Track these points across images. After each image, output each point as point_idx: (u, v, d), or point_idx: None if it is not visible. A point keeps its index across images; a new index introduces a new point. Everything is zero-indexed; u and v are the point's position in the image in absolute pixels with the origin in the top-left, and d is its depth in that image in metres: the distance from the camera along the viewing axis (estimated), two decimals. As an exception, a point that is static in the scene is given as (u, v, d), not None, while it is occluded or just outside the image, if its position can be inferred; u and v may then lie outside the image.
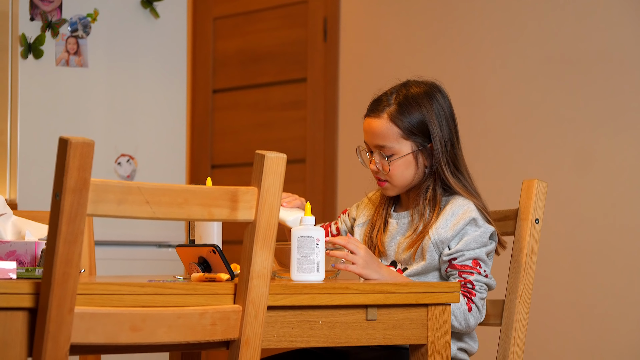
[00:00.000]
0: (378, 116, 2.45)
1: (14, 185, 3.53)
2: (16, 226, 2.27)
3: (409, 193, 2.51)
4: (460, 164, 2.47)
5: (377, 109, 2.46)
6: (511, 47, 3.90)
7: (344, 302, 2.06)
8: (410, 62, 4.16)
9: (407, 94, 2.46)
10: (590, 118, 3.69)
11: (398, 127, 2.43)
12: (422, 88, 2.48)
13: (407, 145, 2.44)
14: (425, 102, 2.45)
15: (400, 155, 2.44)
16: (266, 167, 1.89)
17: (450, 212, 2.42)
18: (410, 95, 2.46)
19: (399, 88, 2.49)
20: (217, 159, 4.90)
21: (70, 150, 1.70)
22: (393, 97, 2.46)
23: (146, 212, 1.80)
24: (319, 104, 4.51)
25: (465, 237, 2.39)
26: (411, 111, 2.44)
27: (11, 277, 1.89)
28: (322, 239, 2.18)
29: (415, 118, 2.44)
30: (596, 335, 3.62)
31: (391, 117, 2.44)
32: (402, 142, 2.44)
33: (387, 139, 2.44)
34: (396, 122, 2.43)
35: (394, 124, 2.43)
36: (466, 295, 2.36)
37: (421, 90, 2.47)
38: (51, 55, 3.61)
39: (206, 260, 2.08)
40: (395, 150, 2.44)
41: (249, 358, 1.90)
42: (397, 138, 2.44)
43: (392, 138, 2.44)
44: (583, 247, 3.68)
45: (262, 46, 4.75)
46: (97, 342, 1.77)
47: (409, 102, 2.45)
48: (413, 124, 2.44)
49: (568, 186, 3.70)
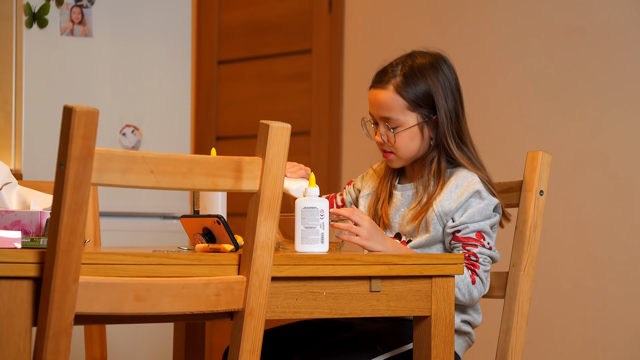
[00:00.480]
0: (384, 87, 2.44)
1: (19, 155, 3.53)
2: (21, 196, 2.27)
3: (414, 165, 2.51)
4: (465, 136, 2.47)
5: (383, 80, 2.45)
6: (517, 20, 3.88)
7: (348, 273, 2.06)
8: (415, 33, 4.14)
9: (413, 65, 2.45)
10: (598, 90, 3.67)
11: (404, 99, 2.42)
12: (428, 59, 2.47)
13: (412, 117, 2.44)
14: (430, 73, 2.44)
15: (405, 127, 2.43)
16: (270, 137, 1.88)
17: (455, 184, 2.42)
18: (415, 66, 2.45)
19: (404, 59, 2.48)
20: (221, 131, 4.89)
21: (74, 118, 1.70)
22: (399, 68, 2.45)
23: (150, 181, 1.80)
24: (324, 76, 4.50)
25: (469, 210, 2.39)
26: (417, 82, 2.43)
27: (16, 246, 1.90)
28: (326, 210, 2.18)
29: (421, 89, 2.43)
30: (600, 306, 3.63)
31: (397, 88, 2.43)
32: (407, 114, 2.43)
33: (393, 111, 2.43)
34: (402, 93, 2.42)
35: (399, 95, 2.43)
36: (470, 268, 2.36)
37: (427, 61, 2.46)
38: (55, 24, 3.60)
39: (210, 231, 2.08)
40: (400, 122, 2.43)
41: (253, 329, 1.90)
42: (403, 110, 2.43)
43: (398, 110, 2.43)
44: (587, 218, 3.67)
45: (267, 17, 4.74)
46: (101, 312, 1.78)
47: (415, 73, 2.44)
48: (419, 95, 2.43)
49: (572, 159, 3.69)
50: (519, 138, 3.84)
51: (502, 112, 3.90)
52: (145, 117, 3.79)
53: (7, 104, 3.56)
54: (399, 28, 4.22)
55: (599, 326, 3.63)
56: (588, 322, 3.65)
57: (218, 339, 4.72)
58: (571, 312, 3.69)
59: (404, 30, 4.20)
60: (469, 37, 4.00)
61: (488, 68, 3.95)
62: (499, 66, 3.92)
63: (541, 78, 3.80)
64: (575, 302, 3.68)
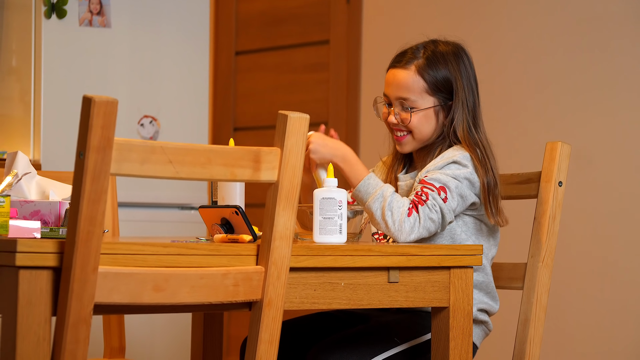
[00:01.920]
0: (405, 67, 2.44)
1: (38, 146, 3.54)
2: (40, 186, 2.28)
3: (420, 152, 2.50)
4: (479, 126, 2.45)
5: (404, 60, 2.45)
6: (537, 11, 3.86)
7: (366, 264, 2.06)
8: (433, 24, 4.13)
9: (436, 50, 2.45)
10: (615, 80, 3.66)
11: (425, 81, 2.42)
12: (450, 47, 2.47)
13: (430, 100, 2.43)
14: (452, 61, 2.44)
15: (421, 108, 2.43)
16: (289, 127, 1.88)
17: (440, 155, 2.42)
18: (438, 51, 2.45)
19: (426, 44, 2.48)
20: (239, 121, 4.90)
21: (94, 108, 1.70)
22: (421, 52, 2.45)
23: (169, 171, 1.80)
24: (341, 67, 4.50)
25: (443, 168, 2.37)
26: (439, 67, 2.43)
27: (35, 236, 1.90)
28: (344, 201, 2.18)
29: (442, 74, 2.43)
30: (618, 297, 3.61)
31: (419, 69, 2.42)
32: (425, 97, 2.43)
33: (412, 91, 2.42)
34: (424, 75, 2.42)
35: (421, 76, 2.42)
36: (414, 202, 2.30)
37: (449, 49, 2.47)
38: (74, 15, 3.60)
39: (229, 221, 2.08)
40: (418, 103, 2.43)
41: (271, 319, 1.91)
42: (422, 92, 2.43)
43: (417, 91, 2.42)
44: (604, 209, 3.66)
45: (284, 8, 4.73)
46: (120, 302, 1.78)
47: (437, 57, 2.44)
48: (439, 80, 2.42)
49: (590, 150, 3.68)
50: (536, 131, 3.83)
51: (521, 105, 3.88)
52: (163, 108, 3.80)
53: (26, 95, 3.57)
54: (417, 18, 4.21)
55: (619, 317, 3.62)
56: (608, 314, 3.64)
57: (236, 330, 4.73)
58: (590, 303, 3.68)
59: (422, 20, 4.19)
60: (486, 28, 3.99)
61: (505, 59, 3.93)
62: (517, 57, 3.91)
63: (560, 71, 3.79)
64: (594, 294, 3.67)
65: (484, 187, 2.38)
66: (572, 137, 3.65)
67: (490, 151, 2.43)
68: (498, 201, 2.40)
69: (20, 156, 2.27)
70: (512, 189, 2.55)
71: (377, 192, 2.30)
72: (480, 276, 2.44)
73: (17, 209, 2.11)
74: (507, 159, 3.80)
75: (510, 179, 2.56)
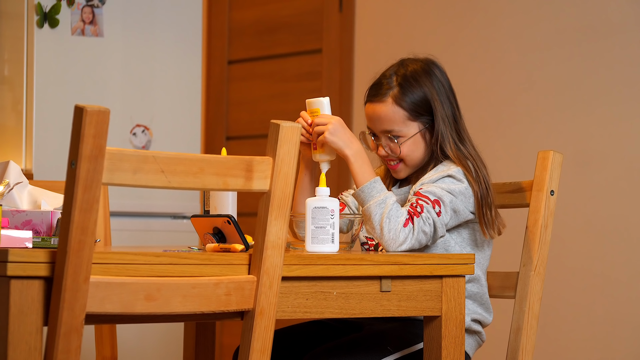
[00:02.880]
0: (382, 101, 2.44)
1: (30, 155, 3.53)
2: (32, 195, 2.27)
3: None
4: (464, 137, 2.45)
5: (380, 93, 2.45)
6: (529, 19, 3.87)
7: (358, 273, 2.06)
8: (426, 33, 4.14)
9: (406, 73, 2.44)
10: (608, 86, 3.67)
11: (404, 109, 2.42)
12: (419, 65, 2.46)
13: (414, 126, 2.44)
14: (424, 79, 2.44)
15: (408, 136, 2.43)
16: (281, 137, 1.88)
17: (435, 168, 2.43)
18: (409, 74, 2.44)
19: (396, 68, 2.47)
20: (232, 130, 4.90)
21: (86, 118, 1.70)
22: (393, 79, 2.45)
23: (161, 181, 1.80)
24: (334, 75, 4.50)
25: (438, 181, 2.38)
26: (413, 90, 2.43)
27: (27, 246, 1.90)
28: (336, 210, 2.18)
29: (418, 96, 2.43)
30: (611, 306, 3.62)
31: (396, 99, 2.43)
32: (409, 124, 2.43)
33: (395, 123, 2.43)
34: (401, 104, 2.42)
35: (399, 106, 2.42)
36: (410, 213, 2.31)
37: (419, 67, 2.46)
38: (67, 24, 3.60)
39: (221, 230, 2.08)
40: (403, 132, 2.43)
41: (263, 328, 1.91)
42: (404, 121, 2.43)
43: (399, 121, 2.43)
44: (596, 218, 3.67)
45: (277, 17, 4.74)
46: (112, 312, 1.78)
47: (409, 81, 2.43)
48: (417, 104, 2.42)
49: (582, 160, 3.69)
50: (529, 138, 3.83)
51: (515, 111, 3.89)
52: (156, 117, 3.80)
53: (18, 104, 3.57)
54: (410, 27, 4.22)
55: (612, 326, 3.62)
56: (601, 323, 3.64)
57: (228, 339, 4.73)
58: (583, 312, 3.68)
59: (415, 29, 4.19)
60: (479, 36, 4.00)
61: (498, 66, 3.94)
62: (510, 63, 3.91)
63: (557, 78, 3.80)
64: (587, 303, 3.68)
65: (478, 200, 2.38)
66: (569, 144, 3.65)
67: (480, 161, 2.44)
68: (492, 212, 2.40)
69: (12, 166, 2.27)
70: (504, 197, 2.55)
71: (381, 198, 2.30)
72: (475, 287, 2.44)
73: (8, 219, 2.11)
74: (504, 165, 3.81)
75: (502, 187, 2.56)
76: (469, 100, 3.99)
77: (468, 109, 4.00)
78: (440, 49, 4.09)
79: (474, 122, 3.99)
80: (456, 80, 4.01)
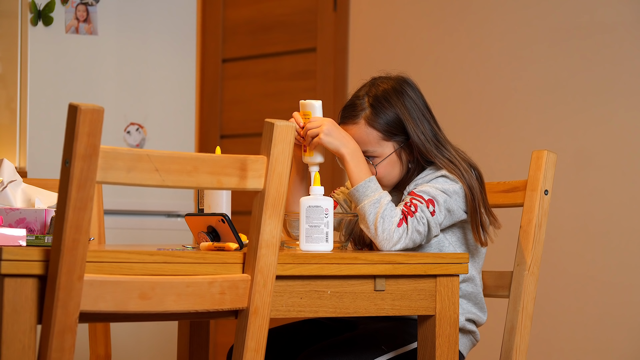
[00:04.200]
0: (355, 122, 2.44)
1: (24, 153, 3.53)
2: (26, 194, 2.27)
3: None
4: (445, 149, 2.44)
5: (352, 115, 2.45)
6: (521, 18, 3.88)
7: (352, 272, 2.06)
8: (421, 32, 4.14)
9: (377, 94, 2.44)
10: (604, 86, 3.67)
11: (377, 130, 2.42)
12: (390, 84, 2.46)
13: (388, 145, 2.44)
14: (395, 99, 2.43)
15: (383, 157, 2.43)
16: (275, 136, 1.88)
17: (426, 172, 2.43)
18: (380, 94, 2.44)
19: (368, 89, 2.47)
20: (226, 129, 4.89)
21: (80, 116, 1.70)
22: (365, 100, 2.45)
23: (155, 179, 1.80)
24: (328, 74, 4.50)
25: (432, 182, 2.39)
26: (385, 110, 2.43)
27: (21, 244, 1.90)
28: (331, 209, 2.18)
29: (390, 116, 2.42)
30: (605, 306, 3.62)
31: (368, 121, 2.43)
32: (383, 144, 2.43)
33: (369, 144, 2.43)
34: (374, 125, 2.42)
35: (372, 127, 2.43)
36: (404, 212, 2.32)
37: (389, 86, 2.45)
38: (61, 22, 3.60)
39: (215, 229, 2.08)
40: (378, 153, 2.43)
41: (257, 327, 1.90)
42: (378, 141, 2.43)
43: (373, 142, 2.43)
44: (590, 218, 3.67)
45: (271, 15, 4.74)
46: (106, 310, 1.78)
47: (381, 102, 2.43)
48: (390, 123, 2.42)
49: (576, 160, 3.69)
50: (524, 138, 3.84)
51: (509, 112, 3.89)
52: (150, 115, 3.79)
53: (12, 102, 3.56)
54: (404, 26, 4.22)
55: (603, 325, 3.62)
56: (594, 322, 3.65)
57: (222, 337, 4.72)
58: (576, 312, 3.69)
59: (409, 28, 4.20)
60: (473, 37, 4.00)
61: (492, 67, 3.94)
62: (504, 66, 3.92)
63: (547, 79, 3.80)
64: (580, 303, 3.68)
65: (471, 196, 2.38)
66: (562, 143, 3.65)
67: (467, 164, 2.44)
68: (484, 213, 2.40)
69: (5, 164, 2.26)
70: (498, 197, 2.56)
71: (375, 197, 2.31)
72: (470, 287, 2.45)
73: (2, 217, 2.10)
74: (500, 165, 3.82)
75: (496, 187, 2.57)
76: (461, 99, 4.00)
77: (460, 108, 4.01)
78: (434, 48, 4.09)
79: (467, 121, 4.00)
80: (449, 78, 4.03)
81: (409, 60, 4.11)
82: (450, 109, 3.95)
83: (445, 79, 4.05)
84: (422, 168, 2.46)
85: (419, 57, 4.12)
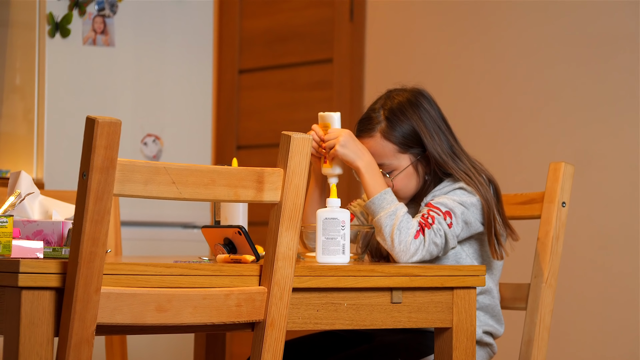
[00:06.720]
0: (370, 135, 2.44)
1: (41, 165, 3.54)
2: (43, 206, 2.28)
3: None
4: (461, 161, 2.44)
5: (368, 128, 2.45)
6: (536, 30, 3.87)
7: (369, 284, 2.06)
8: (437, 43, 4.14)
9: (393, 106, 2.45)
10: (616, 99, 3.66)
11: (393, 143, 2.42)
12: (406, 96, 2.46)
13: (405, 158, 2.43)
14: (411, 112, 2.43)
15: (400, 169, 2.43)
16: (292, 148, 1.88)
17: (444, 183, 2.42)
18: (395, 107, 2.44)
19: (383, 101, 2.48)
20: (242, 140, 4.90)
21: (97, 129, 1.70)
22: (381, 113, 2.45)
23: (172, 192, 1.80)
24: (344, 85, 4.50)
25: (450, 193, 2.38)
26: (401, 123, 2.43)
27: (38, 256, 1.90)
28: (347, 221, 2.18)
29: (406, 129, 2.42)
30: (622, 319, 3.60)
31: (384, 134, 2.43)
32: (399, 157, 2.43)
33: (385, 157, 2.43)
34: (390, 138, 2.42)
35: (388, 140, 2.43)
36: (421, 224, 2.32)
37: (404, 99, 2.45)
38: (78, 34, 3.61)
39: (232, 241, 2.08)
40: (394, 165, 2.43)
41: (274, 339, 1.90)
42: (395, 154, 2.43)
43: (390, 155, 2.43)
44: (608, 229, 3.65)
45: (288, 26, 4.74)
46: (123, 322, 1.78)
47: (397, 114, 2.43)
48: (405, 137, 2.42)
49: (594, 172, 3.68)
50: (540, 149, 3.83)
51: (526, 123, 3.88)
52: (167, 127, 3.80)
53: (29, 113, 3.58)
54: (420, 37, 4.22)
55: (622, 339, 3.61)
56: (611, 335, 3.63)
57: (238, 348, 4.72)
58: (593, 324, 3.67)
59: (425, 39, 4.19)
60: (490, 48, 4.00)
61: (509, 78, 3.94)
62: (520, 69, 3.91)
63: (566, 84, 3.79)
64: (597, 315, 3.66)
65: (488, 208, 2.38)
66: (575, 152, 3.64)
67: (480, 167, 2.44)
68: (500, 226, 2.40)
69: (23, 176, 2.27)
70: (515, 209, 2.55)
71: (391, 209, 2.31)
72: (487, 299, 2.44)
73: (20, 229, 2.11)
74: (512, 173, 3.80)
75: (514, 199, 2.56)
76: (478, 110, 3.99)
77: (476, 118, 4.00)
78: (450, 58, 4.08)
79: (484, 131, 3.99)
80: (466, 89, 4.02)
81: (426, 71, 4.11)
82: (466, 120, 3.94)
83: (462, 89, 4.04)
84: (440, 180, 2.46)
85: (435, 68, 4.12)
